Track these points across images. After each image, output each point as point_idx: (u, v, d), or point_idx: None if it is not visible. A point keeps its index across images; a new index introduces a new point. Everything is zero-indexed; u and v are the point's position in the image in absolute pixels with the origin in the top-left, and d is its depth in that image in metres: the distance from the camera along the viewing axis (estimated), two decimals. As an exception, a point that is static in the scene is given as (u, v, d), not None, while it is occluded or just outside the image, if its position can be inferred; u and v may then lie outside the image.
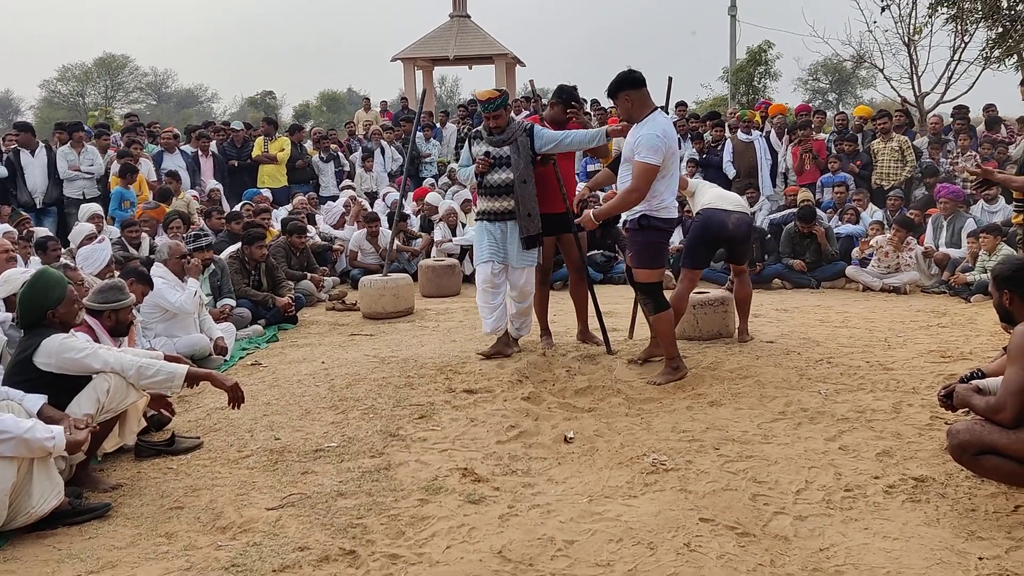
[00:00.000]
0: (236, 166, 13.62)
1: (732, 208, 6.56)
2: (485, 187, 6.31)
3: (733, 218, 6.48)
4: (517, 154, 6.15)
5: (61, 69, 52.83)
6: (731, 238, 6.54)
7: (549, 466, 4.41)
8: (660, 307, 5.82)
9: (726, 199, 6.69)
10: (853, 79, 46.00)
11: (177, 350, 6.35)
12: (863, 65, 20.19)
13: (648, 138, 5.49)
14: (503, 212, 6.27)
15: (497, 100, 6.13)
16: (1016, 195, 5.76)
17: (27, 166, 11.52)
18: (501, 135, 6.21)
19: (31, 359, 4.18)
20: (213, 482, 4.34)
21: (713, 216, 6.46)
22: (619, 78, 5.68)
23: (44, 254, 7.71)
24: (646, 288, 5.86)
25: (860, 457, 4.32)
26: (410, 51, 23.85)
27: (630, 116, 5.68)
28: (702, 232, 6.49)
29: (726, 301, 7.00)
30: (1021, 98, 5.70)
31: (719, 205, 6.54)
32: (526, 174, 6.14)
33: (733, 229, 6.46)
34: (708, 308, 6.94)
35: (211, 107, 61.26)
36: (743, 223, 6.57)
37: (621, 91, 5.65)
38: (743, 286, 6.91)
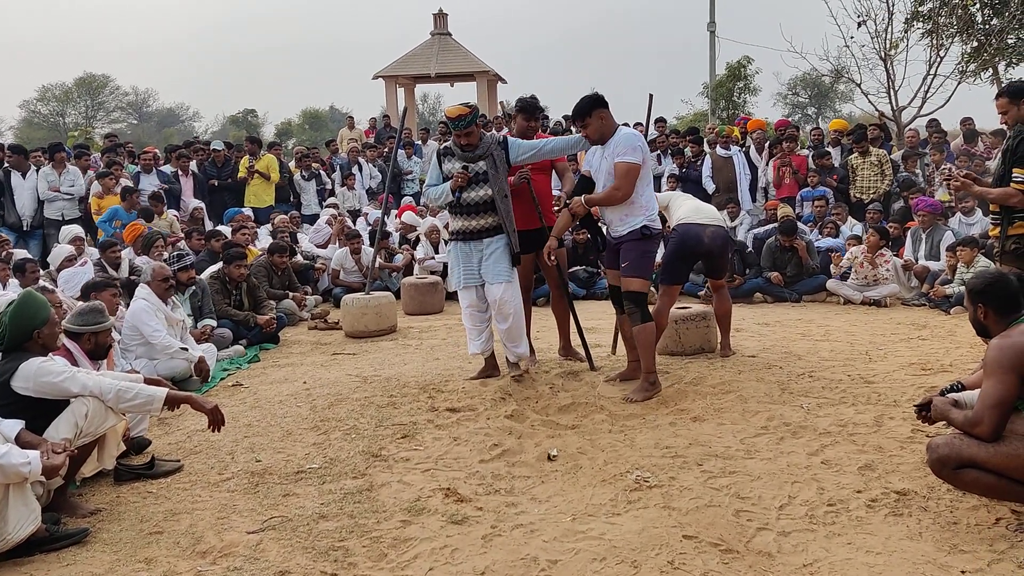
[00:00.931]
0: (216, 185, 13.57)
1: (708, 222, 6.58)
2: (460, 206, 6.08)
3: (709, 232, 6.51)
4: (494, 168, 5.99)
5: (41, 89, 52.60)
6: (708, 252, 6.58)
7: (532, 484, 4.40)
8: (645, 318, 5.81)
9: (701, 212, 6.71)
10: (832, 93, 46.44)
11: (158, 372, 6.31)
12: (841, 80, 20.35)
13: (627, 138, 5.59)
14: (480, 230, 6.06)
15: (467, 117, 5.94)
16: (992, 208, 5.77)
17: (17, 188, 11.52)
18: (475, 151, 6.03)
19: (8, 383, 4.14)
20: (193, 506, 4.30)
21: (689, 231, 6.49)
22: (592, 98, 5.74)
23: (23, 276, 7.65)
24: (636, 297, 5.80)
25: (843, 471, 4.33)
26: (392, 69, 23.92)
27: (602, 134, 5.70)
28: (679, 247, 6.51)
29: (708, 316, 7.02)
30: (997, 111, 5.70)
31: (694, 219, 6.56)
32: (505, 188, 6.06)
33: (709, 243, 6.49)
34: (690, 323, 6.96)
35: (193, 126, 61.09)
36: (719, 236, 6.59)
37: (595, 109, 5.69)
38: (722, 301, 6.94)
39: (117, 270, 9.22)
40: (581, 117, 5.73)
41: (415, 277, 10.87)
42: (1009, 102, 5.56)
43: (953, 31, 17.25)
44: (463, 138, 5.98)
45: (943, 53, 16.99)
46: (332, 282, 11.35)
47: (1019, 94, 5.57)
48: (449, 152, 6.16)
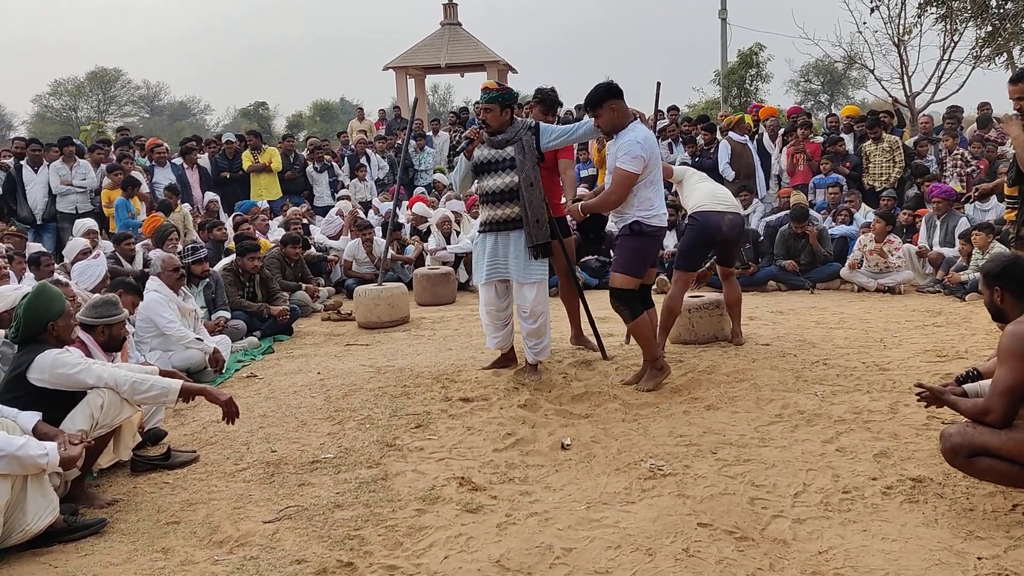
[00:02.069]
0: (228, 178, 13.62)
1: (726, 209, 6.54)
2: (485, 194, 5.91)
3: (727, 219, 6.47)
4: (522, 154, 5.78)
5: (53, 83, 52.88)
6: (725, 240, 6.55)
7: (546, 473, 4.40)
8: (636, 313, 5.72)
9: (718, 198, 6.64)
10: (844, 80, 46.17)
11: (172, 364, 6.34)
12: (854, 66, 20.23)
13: (629, 145, 5.47)
14: (506, 220, 5.86)
15: (493, 92, 5.80)
16: (1008, 191, 5.73)
17: (28, 182, 11.62)
18: (503, 135, 5.84)
19: (25, 375, 4.16)
20: (209, 496, 4.32)
21: (709, 219, 6.43)
22: (605, 87, 5.61)
23: (37, 270, 7.69)
24: (621, 295, 5.71)
25: (858, 459, 4.32)
26: (402, 60, 23.89)
27: (614, 126, 5.58)
28: (699, 235, 6.48)
29: (721, 304, 7.00)
30: (1009, 97, 5.64)
31: (713, 207, 6.50)
32: (532, 176, 5.77)
33: (728, 231, 6.47)
34: (704, 312, 6.95)
35: (204, 119, 61.31)
36: (737, 224, 6.57)
37: (607, 100, 5.54)
38: (732, 289, 6.93)
39: (131, 262, 9.28)
40: (593, 107, 5.59)
41: (427, 268, 10.88)
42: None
43: (967, 16, 17.13)
44: (483, 113, 5.94)
45: (957, 38, 16.91)
46: (345, 273, 11.37)
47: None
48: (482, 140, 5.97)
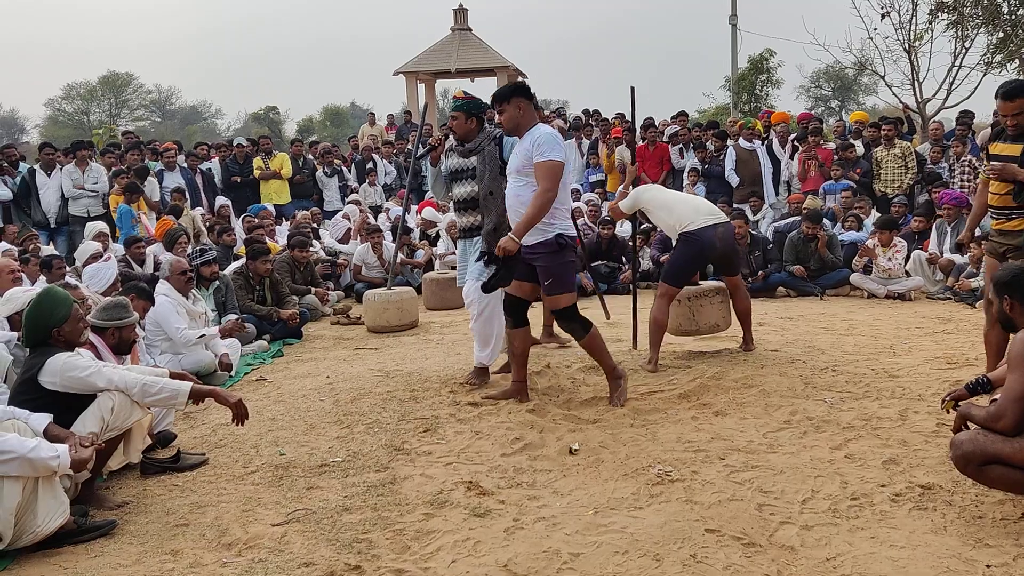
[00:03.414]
0: (239, 182, 13.68)
1: (716, 221, 6.38)
2: (455, 202, 6.12)
3: (720, 231, 6.34)
4: (484, 164, 5.88)
5: (66, 87, 53.25)
6: (722, 253, 6.43)
7: (554, 478, 4.40)
8: (587, 327, 5.46)
9: (703, 211, 6.43)
10: (855, 86, 46.05)
11: (182, 367, 6.35)
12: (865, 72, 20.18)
13: (547, 136, 5.25)
14: (471, 228, 6.06)
15: (459, 101, 5.81)
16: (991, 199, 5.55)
17: (42, 186, 11.71)
18: (469, 144, 5.94)
19: (36, 378, 4.19)
20: (218, 498, 4.34)
21: (703, 237, 6.26)
22: (516, 85, 5.53)
23: (49, 273, 7.74)
24: (567, 313, 5.43)
25: (866, 465, 4.31)
26: (412, 65, 23.92)
27: (517, 124, 5.38)
28: (696, 252, 6.36)
29: (723, 291, 6.78)
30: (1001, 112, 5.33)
31: (702, 223, 6.29)
32: (492, 186, 5.83)
33: (722, 243, 6.35)
34: (704, 299, 6.73)
35: (215, 123, 61.54)
36: (728, 233, 6.47)
37: (515, 96, 5.37)
38: (741, 299, 6.77)
39: (142, 266, 9.32)
40: (499, 102, 5.39)
41: (436, 272, 10.90)
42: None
43: (978, 22, 17.07)
44: (451, 121, 5.96)
45: (968, 44, 16.85)
46: (354, 277, 11.40)
47: None
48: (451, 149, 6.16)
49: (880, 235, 9.83)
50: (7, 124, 57.62)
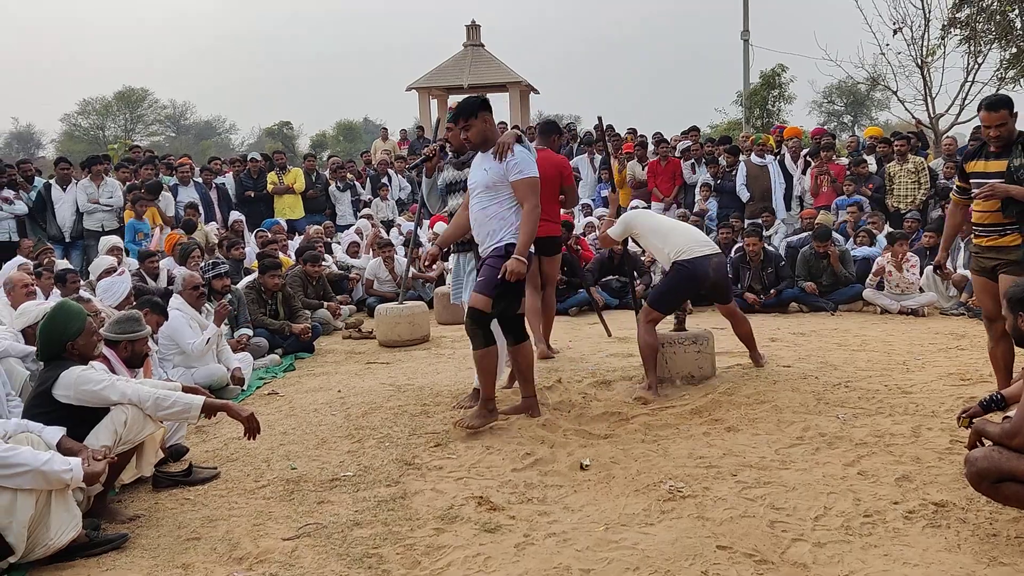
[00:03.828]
0: (252, 197, 13.77)
1: (710, 252, 6.25)
2: (449, 215, 6.11)
3: (714, 262, 6.21)
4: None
5: (82, 103, 53.68)
6: (714, 284, 6.28)
7: (565, 494, 4.39)
8: (489, 341, 5.36)
9: (699, 242, 6.31)
10: (868, 101, 46.02)
11: (195, 380, 6.38)
12: (877, 87, 20.17)
13: (521, 153, 5.25)
14: (466, 241, 5.95)
15: (454, 113, 5.73)
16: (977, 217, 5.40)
17: (57, 201, 11.83)
18: (463, 157, 5.93)
19: (50, 391, 4.21)
20: (230, 512, 4.34)
21: (699, 266, 6.15)
22: (480, 100, 5.49)
23: (63, 287, 7.79)
24: (477, 316, 5.31)
25: (879, 482, 4.28)
26: (425, 80, 24.08)
27: (484, 138, 5.37)
28: (687, 282, 6.21)
29: (699, 340, 6.46)
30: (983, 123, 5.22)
31: (696, 252, 6.18)
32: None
33: (715, 275, 6.22)
34: (677, 347, 6.43)
35: (229, 138, 61.93)
36: (722, 265, 6.35)
37: (480, 111, 5.37)
38: (739, 323, 6.65)
39: (156, 280, 9.37)
40: (465, 116, 5.39)
41: (448, 287, 10.89)
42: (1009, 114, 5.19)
43: (991, 37, 17.03)
44: (446, 133, 5.97)
45: (981, 59, 16.81)
46: (366, 292, 11.43)
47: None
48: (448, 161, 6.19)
49: (892, 248, 9.80)
50: (23, 139, 58.14)
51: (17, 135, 58.40)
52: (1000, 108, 5.15)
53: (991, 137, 5.18)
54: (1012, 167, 5.08)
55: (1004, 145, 5.18)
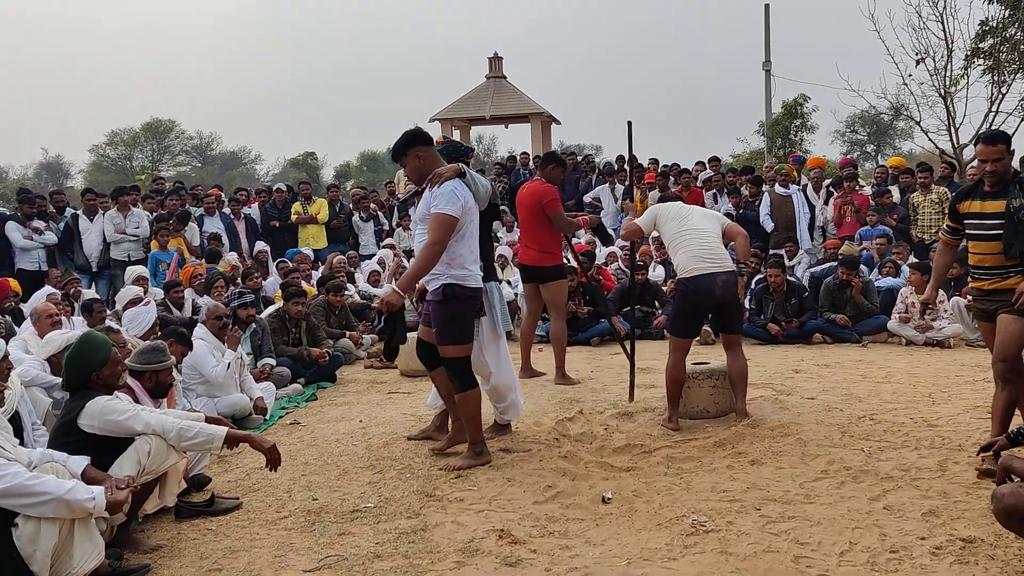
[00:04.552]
0: (277, 227, 13.90)
1: (716, 269, 6.02)
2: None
3: (720, 280, 5.99)
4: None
5: (110, 134, 54.51)
6: (720, 303, 6.11)
7: (587, 527, 4.36)
8: (467, 385, 5.32)
9: (705, 257, 6.06)
10: (891, 131, 45.88)
11: (218, 411, 6.42)
12: (900, 117, 20.11)
13: (444, 188, 5.11)
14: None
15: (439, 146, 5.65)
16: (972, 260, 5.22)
17: (85, 231, 12.00)
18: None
19: (75, 421, 4.25)
20: (251, 543, 4.35)
21: (699, 284, 6.00)
22: (409, 134, 5.39)
23: (90, 316, 7.87)
24: (452, 364, 5.32)
25: (906, 517, 4.22)
26: (448, 111, 24.25)
27: (421, 174, 5.33)
28: (690, 302, 6.10)
29: (715, 374, 6.35)
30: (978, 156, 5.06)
31: (701, 269, 6.01)
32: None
33: (721, 293, 6.00)
34: (693, 381, 6.31)
35: (254, 168, 62.61)
36: (730, 283, 6.05)
37: (411, 148, 5.32)
38: (735, 360, 6.22)
39: (180, 310, 9.45)
40: (397, 157, 5.40)
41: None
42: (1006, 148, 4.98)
43: (1015, 67, 16.96)
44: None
45: (1005, 90, 16.71)
46: (388, 321, 11.44)
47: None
48: None
49: (911, 275, 9.73)
50: (52, 169, 59.09)
51: (46, 165, 59.38)
52: (998, 142, 4.97)
53: (987, 172, 4.98)
54: (1012, 208, 4.85)
55: (1000, 183, 4.97)
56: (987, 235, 5.01)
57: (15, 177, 49.97)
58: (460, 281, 5.19)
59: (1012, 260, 4.91)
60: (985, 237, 5.03)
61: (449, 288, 5.17)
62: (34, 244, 11.45)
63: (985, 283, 5.12)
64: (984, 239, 5.04)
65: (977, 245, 5.11)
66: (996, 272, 5.04)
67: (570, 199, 15.53)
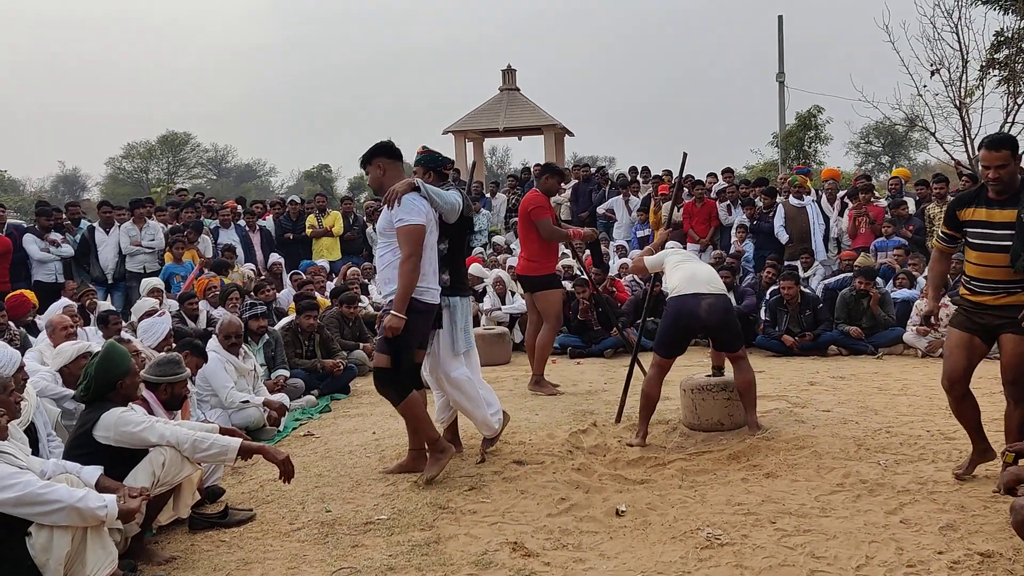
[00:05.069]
0: (291, 239, 13.96)
1: (704, 291, 5.97)
2: None
3: (705, 304, 5.91)
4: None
5: (126, 147, 54.97)
6: (706, 326, 6.03)
7: (601, 540, 4.34)
8: (403, 394, 5.25)
9: (695, 281, 6.05)
10: (906, 142, 45.74)
11: (232, 422, 6.44)
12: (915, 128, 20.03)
13: (406, 200, 5.12)
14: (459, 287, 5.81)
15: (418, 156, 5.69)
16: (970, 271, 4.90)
17: (101, 243, 12.08)
18: None
19: (91, 432, 4.27)
20: (265, 555, 4.35)
21: (682, 305, 5.95)
22: (375, 145, 5.41)
23: (105, 328, 7.91)
24: (380, 374, 5.30)
25: (923, 531, 4.18)
26: (461, 124, 24.32)
27: (380, 184, 5.35)
28: (673, 323, 6.02)
29: (728, 387, 6.29)
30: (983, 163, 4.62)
31: (687, 290, 5.99)
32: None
33: (707, 316, 5.91)
34: (706, 393, 6.29)
35: (269, 181, 62.94)
36: (718, 307, 5.95)
37: (375, 157, 5.35)
38: (741, 374, 6.13)
39: (195, 321, 9.49)
40: (363, 164, 5.46)
41: (482, 328, 10.91)
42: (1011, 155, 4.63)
43: (1031, 78, 16.86)
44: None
45: (1021, 101, 16.60)
46: (402, 333, 11.44)
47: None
48: None
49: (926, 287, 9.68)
50: (69, 182, 59.58)
51: (63, 178, 59.90)
52: (1003, 148, 4.58)
53: (991, 179, 4.59)
54: (1023, 219, 4.50)
55: (1007, 191, 4.61)
56: (995, 246, 4.65)
57: (33, 190, 50.39)
58: (416, 295, 5.16)
59: (1019, 274, 4.57)
60: (993, 248, 4.66)
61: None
62: (51, 256, 11.53)
63: (988, 297, 4.75)
64: (991, 250, 4.67)
65: (982, 256, 4.74)
66: (999, 287, 4.70)
67: (584, 211, 15.55)
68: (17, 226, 12.28)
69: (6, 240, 11.10)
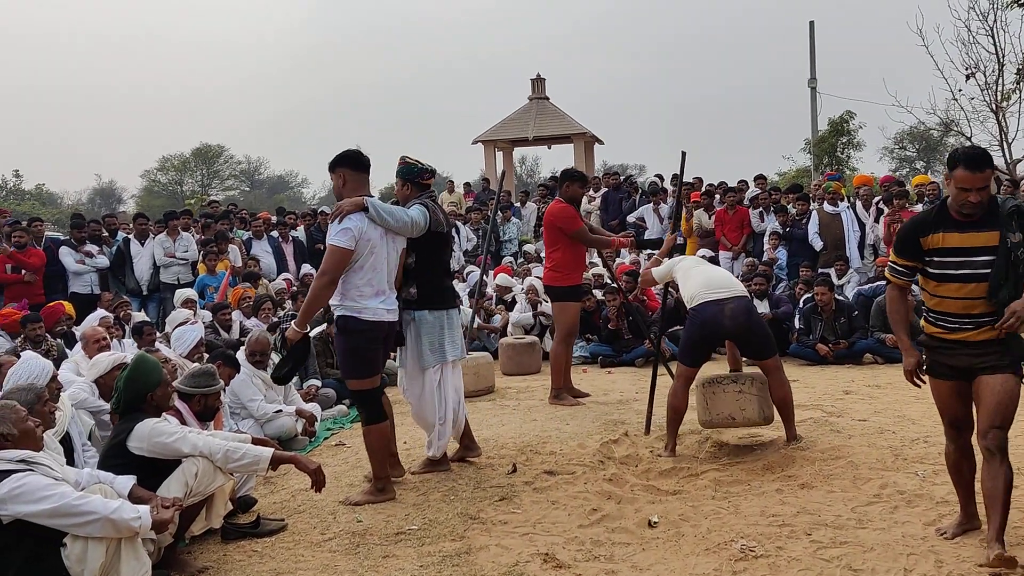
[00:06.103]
0: (322, 249, 14.00)
1: (725, 296, 5.88)
2: None
3: (728, 308, 5.81)
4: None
5: (161, 160, 55.79)
6: (731, 332, 5.95)
7: (633, 552, 4.30)
8: (372, 419, 5.30)
9: (713, 286, 5.96)
10: (941, 147, 45.15)
11: (264, 432, 6.47)
12: (951, 132, 19.75)
13: (345, 221, 5.08)
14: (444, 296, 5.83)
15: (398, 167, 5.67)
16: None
17: (136, 255, 12.23)
18: None
19: (124, 443, 4.31)
20: (296, 565, 4.35)
21: (706, 313, 5.86)
22: (340, 154, 5.33)
23: (140, 339, 8.00)
24: (356, 396, 5.41)
25: (962, 543, 4.10)
26: (491, 133, 24.39)
27: (339, 194, 5.29)
28: (698, 331, 5.94)
29: (740, 380, 6.05)
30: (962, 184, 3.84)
31: (708, 297, 5.89)
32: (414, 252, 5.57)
33: (731, 321, 5.82)
34: (718, 387, 6.06)
35: (302, 192, 63.46)
36: (740, 311, 5.85)
37: (339, 167, 5.27)
38: (777, 385, 5.96)
39: (228, 332, 9.57)
40: (330, 170, 5.37)
41: (513, 337, 10.90)
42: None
43: (1068, 81, 16.58)
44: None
45: (1059, 104, 16.34)
46: (431, 342, 11.45)
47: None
48: None
49: None
50: (105, 195, 60.49)
51: (100, 191, 60.84)
52: (985, 167, 3.87)
53: (972, 203, 3.87)
54: (1010, 244, 3.87)
55: (980, 212, 3.92)
56: (976, 275, 3.94)
57: (70, 203, 51.26)
58: (355, 313, 5.13)
59: (993, 307, 3.92)
60: (974, 277, 3.94)
61: (343, 320, 5.17)
62: (86, 268, 11.67)
63: (971, 333, 4.02)
64: (972, 280, 3.95)
65: (961, 288, 3.98)
66: (971, 320, 4.01)
67: (614, 219, 15.50)
68: (54, 239, 12.47)
69: (42, 254, 11.26)
